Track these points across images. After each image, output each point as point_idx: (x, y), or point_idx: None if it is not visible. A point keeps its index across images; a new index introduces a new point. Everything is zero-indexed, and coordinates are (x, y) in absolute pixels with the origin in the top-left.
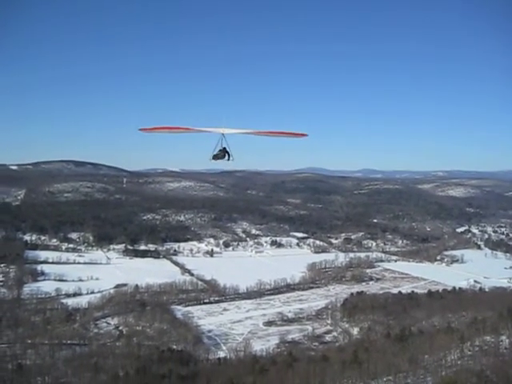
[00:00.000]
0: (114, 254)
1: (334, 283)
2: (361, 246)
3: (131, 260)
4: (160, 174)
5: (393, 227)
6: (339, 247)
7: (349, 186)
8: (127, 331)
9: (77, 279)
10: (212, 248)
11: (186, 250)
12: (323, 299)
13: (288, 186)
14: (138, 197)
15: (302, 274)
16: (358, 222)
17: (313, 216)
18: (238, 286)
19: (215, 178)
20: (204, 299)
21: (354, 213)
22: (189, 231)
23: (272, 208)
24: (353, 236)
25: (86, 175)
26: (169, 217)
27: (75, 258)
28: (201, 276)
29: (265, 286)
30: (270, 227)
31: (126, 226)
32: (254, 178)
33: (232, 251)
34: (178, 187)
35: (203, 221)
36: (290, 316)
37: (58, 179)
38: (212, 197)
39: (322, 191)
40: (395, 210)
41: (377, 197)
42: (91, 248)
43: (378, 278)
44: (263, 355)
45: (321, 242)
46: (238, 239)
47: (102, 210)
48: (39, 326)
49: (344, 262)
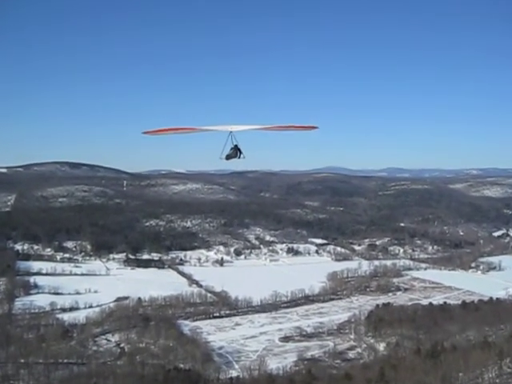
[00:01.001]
0: (113, 264)
1: (357, 294)
2: (387, 253)
3: (133, 270)
4: (164, 176)
5: (422, 232)
6: (363, 254)
7: (372, 186)
8: (129, 349)
9: (73, 292)
10: (222, 256)
11: (194, 259)
12: (345, 312)
13: (305, 188)
14: (140, 201)
15: (321, 284)
16: (384, 226)
17: (333, 220)
18: (251, 298)
19: (225, 180)
20: (214, 313)
21: (379, 216)
22: (196, 238)
23: (288, 212)
24: (378, 242)
25: (83, 178)
26: (174, 223)
27: (71, 269)
28: (210, 287)
29: (281, 298)
30: (285, 233)
31: (127, 234)
32: (267, 178)
33: (244, 260)
34: (183, 190)
35: (212, 227)
36: (309, 331)
37: (52, 182)
38: (221, 200)
39: (342, 193)
40: (424, 212)
41: (404, 198)
42: (89, 258)
43: (406, 287)
44: (280, 374)
45: (342, 248)
46: (250, 246)
47: (101, 215)
48: (33, 344)
49: (368, 271)
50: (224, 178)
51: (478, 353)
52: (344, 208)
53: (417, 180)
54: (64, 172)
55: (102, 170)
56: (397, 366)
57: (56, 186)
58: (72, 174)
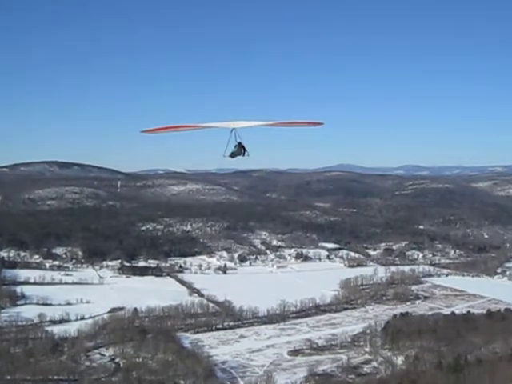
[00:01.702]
0: (107, 272)
1: (372, 303)
2: (404, 258)
3: (128, 279)
4: (161, 176)
5: (443, 235)
6: (378, 260)
7: (388, 185)
8: (125, 364)
9: (64, 303)
10: (225, 263)
11: (194, 266)
12: (360, 322)
13: (315, 188)
14: (136, 203)
15: (333, 292)
16: (401, 229)
17: (346, 223)
18: (256, 309)
19: (227, 180)
20: (216, 324)
21: (396, 218)
22: (197, 243)
23: (296, 214)
24: (395, 246)
25: (73, 178)
26: (173, 227)
27: (61, 278)
28: (212, 297)
29: (289, 308)
30: (294, 237)
31: (122, 239)
32: (273, 178)
33: (249, 266)
34: (182, 191)
35: (214, 231)
36: (321, 343)
37: (40, 184)
38: (224, 202)
39: (356, 193)
40: (445, 213)
41: (423, 198)
42: (80, 265)
43: (425, 296)
44: None
45: (356, 253)
46: (255, 252)
47: (93, 219)
48: (20, 359)
49: (384, 278)
50: (226, 177)
51: (504, 366)
52: (357, 209)
53: (437, 178)
54: (53, 172)
55: (94, 169)
56: (416, 381)
57: (44, 187)
58: (61, 175)
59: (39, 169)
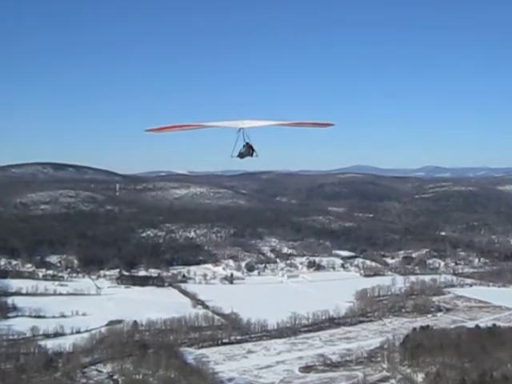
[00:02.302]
0: (105, 282)
1: (390, 315)
2: (425, 267)
3: (127, 289)
4: (163, 179)
5: (466, 242)
6: (397, 269)
7: (408, 188)
8: (124, 381)
9: (58, 315)
10: (231, 272)
11: (198, 276)
12: (377, 336)
13: (328, 191)
14: (136, 208)
15: (348, 304)
16: (421, 235)
17: (361, 229)
18: (265, 322)
19: (234, 182)
20: (222, 339)
21: (416, 224)
22: (201, 251)
23: (308, 219)
24: (414, 254)
25: (68, 181)
26: (175, 233)
27: (56, 288)
28: (217, 309)
29: (301, 321)
30: (306, 244)
31: (121, 246)
32: (284, 180)
33: (257, 276)
34: (186, 194)
35: (220, 237)
36: (335, 359)
37: (33, 187)
38: (230, 206)
39: (372, 196)
40: (469, 218)
41: (445, 202)
42: (76, 275)
43: (448, 307)
44: None
45: (373, 262)
46: (264, 260)
47: (89, 225)
48: (11, 376)
49: (403, 288)
50: (233, 180)
51: None
52: (374, 214)
53: (460, 181)
54: (46, 174)
55: (90, 171)
56: None
57: (37, 190)
58: (56, 177)
59: (32, 171)
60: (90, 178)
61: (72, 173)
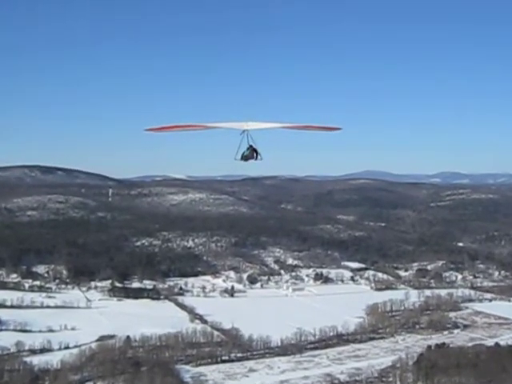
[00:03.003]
0: (96, 295)
1: (403, 332)
2: (441, 281)
3: (120, 302)
4: (159, 184)
5: (486, 253)
6: (410, 282)
7: (423, 196)
8: None
9: (45, 329)
10: (232, 285)
11: (197, 288)
12: (389, 355)
13: (337, 198)
14: (129, 215)
15: (358, 319)
16: (437, 246)
17: (373, 239)
18: (268, 338)
19: (236, 188)
20: (222, 356)
21: (431, 233)
22: (200, 262)
23: (315, 228)
24: (429, 266)
25: (57, 186)
26: (172, 242)
27: (43, 300)
28: (217, 324)
29: (307, 338)
30: (312, 255)
31: (113, 256)
32: (289, 186)
33: (260, 289)
34: (184, 201)
35: (220, 247)
36: (343, 378)
37: (19, 192)
38: (232, 213)
39: (384, 204)
40: (489, 228)
41: (462, 211)
42: (65, 286)
43: (465, 324)
44: None
45: (384, 274)
46: (268, 272)
47: (80, 233)
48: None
49: (417, 303)
50: (235, 185)
51: None
52: (386, 223)
53: (479, 187)
54: (34, 178)
55: (81, 175)
56: None
57: (24, 195)
58: (44, 181)
59: (18, 174)
60: (80, 183)
61: (61, 177)
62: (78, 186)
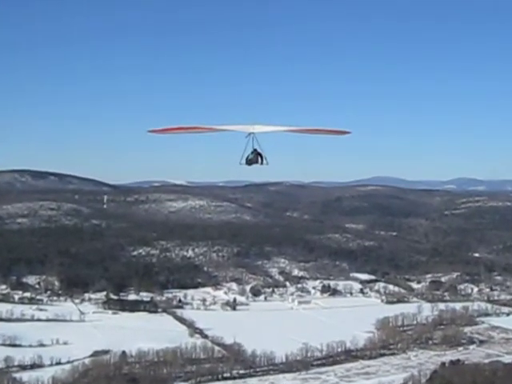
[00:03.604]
0: (90, 307)
1: (416, 348)
2: (456, 293)
3: (115, 315)
4: (157, 190)
5: (503, 264)
6: (423, 295)
7: (437, 203)
8: None
9: (36, 343)
10: (234, 297)
11: (197, 301)
12: (400, 372)
13: (346, 205)
14: (126, 222)
15: (368, 334)
16: (451, 257)
17: (383, 249)
18: (273, 354)
19: (238, 195)
20: (223, 373)
21: (445, 243)
22: (200, 273)
23: (323, 237)
24: (443, 278)
25: (49, 191)
26: (171, 252)
27: (34, 313)
28: (218, 338)
29: (313, 354)
30: (319, 266)
31: (108, 266)
32: (295, 193)
33: (264, 302)
34: (183, 208)
35: (221, 257)
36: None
37: (8, 198)
38: (234, 222)
39: (396, 212)
40: (506, 238)
41: (479, 219)
42: (57, 298)
43: (481, 339)
44: None
45: (396, 287)
46: (272, 284)
47: (73, 242)
48: None
49: (431, 317)
50: (237, 192)
51: None
52: (398, 232)
53: (496, 195)
54: (25, 184)
55: (74, 180)
56: None
57: (14, 201)
58: (35, 187)
59: (8, 179)
60: (74, 189)
61: (54, 182)
62: (72, 192)
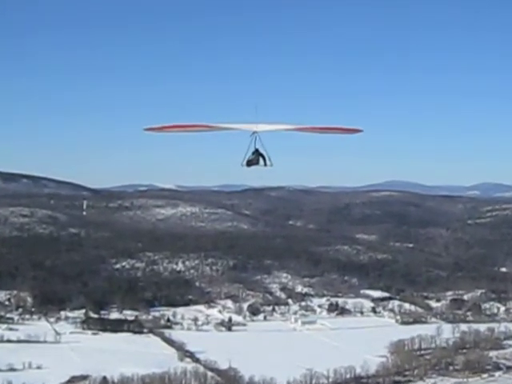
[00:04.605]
0: (66, 327)
1: (434, 375)
2: (480, 313)
3: (95, 336)
4: (144, 194)
5: None
6: (443, 314)
7: (459, 211)
8: None
9: (5, 368)
10: (230, 316)
11: (187, 320)
12: None
13: (356, 213)
14: (108, 231)
15: (380, 359)
16: (475, 272)
17: (398, 262)
18: (273, 380)
19: (235, 200)
20: None
21: (468, 257)
22: (191, 289)
23: (330, 249)
24: (466, 296)
25: (22, 196)
26: (158, 265)
27: (3, 333)
28: (211, 363)
29: (319, 380)
30: (326, 281)
31: (88, 281)
32: (299, 199)
33: (263, 321)
34: (173, 215)
35: (215, 271)
36: None
37: None
38: (230, 231)
39: (413, 221)
40: None
41: (506, 229)
42: (30, 316)
43: (509, 365)
44: None
45: (412, 305)
46: (273, 302)
47: (48, 253)
48: None
49: (452, 340)
50: (234, 197)
51: None
52: (415, 244)
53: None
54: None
55: (50, 184)
56: None
57: None
58: (6, 191)
59: None
60: (49, 193)
61: (27, 185)
62: (47, 197)
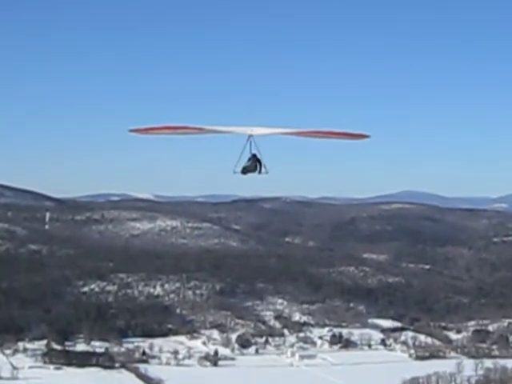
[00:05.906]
0: (25, 360)
1: None
2: (507, 346)
3: (59, 372)
4: (116, 205)
5: None
6: (465, 348)
7: (482, 227)
8: None
9: None
10: (216, 349)
11: (166, 353)
12: None
13: (363, 229)
14: (74, 248)
15: None
16: (502, 298)
17: (413, 287)
18: None
19: (223, 213)
20: None
21: (494, 281)
22: (171, 316)
23: (333, 271)
24: (491, 326)
25: None
26: (132, 288)
27: None
28: None
29: None
30: (328, 309)
31: (50, 306)
32: (297, 212)
33: (255, 355)
34: (150, 230)
35: (199, 296)
36: None
37: None
38: (217, 249)
39: (430, 238)
40: None
41: None
42: None
43: None
44: None
45: (428, 337)
46: (266, 332)
47: (4, 273)
48: None
49: (474, 378)
50: (221, 209)
51: None
52: (432, 265)
53: None
54: None
55: (7, 192)
56: None
57: None
58: None
59: None
60: (6, 203)
61: None
62: (3, 208)
